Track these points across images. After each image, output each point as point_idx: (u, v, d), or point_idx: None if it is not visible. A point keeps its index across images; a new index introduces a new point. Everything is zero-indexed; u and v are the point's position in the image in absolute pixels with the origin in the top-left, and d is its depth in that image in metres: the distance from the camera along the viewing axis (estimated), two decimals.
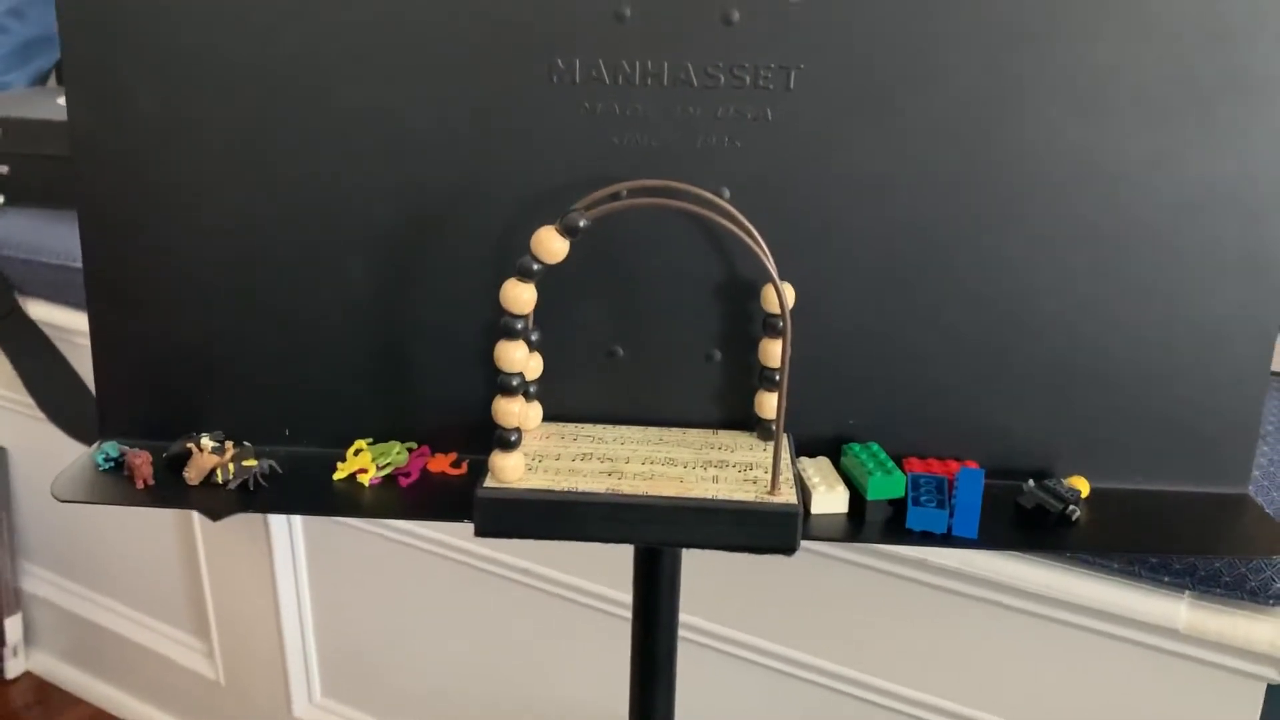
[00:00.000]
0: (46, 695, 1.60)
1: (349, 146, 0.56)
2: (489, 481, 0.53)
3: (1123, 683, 0.82)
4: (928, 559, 0.84)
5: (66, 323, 1.27)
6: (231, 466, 0.57)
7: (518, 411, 0.53)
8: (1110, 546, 0.66)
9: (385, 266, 0.58)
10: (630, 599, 0.66)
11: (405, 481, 0.58)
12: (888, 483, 0.55)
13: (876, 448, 0.57)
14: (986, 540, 0.54)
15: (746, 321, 0.58)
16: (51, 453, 1.38)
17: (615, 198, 0.53)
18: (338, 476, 0.58)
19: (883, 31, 0.53)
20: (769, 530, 0.52)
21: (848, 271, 0.57)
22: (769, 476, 0.54)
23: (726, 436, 0.59)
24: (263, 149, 0.56)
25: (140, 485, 0.57)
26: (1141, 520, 0.57)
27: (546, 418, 0.60)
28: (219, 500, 0.56)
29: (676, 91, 0.55)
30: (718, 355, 0.59)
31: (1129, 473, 0.58)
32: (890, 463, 0.56)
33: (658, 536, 0.53)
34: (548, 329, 0.57)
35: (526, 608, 1.12)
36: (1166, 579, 0.76)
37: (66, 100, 0.57)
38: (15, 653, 1.61)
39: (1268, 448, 0.78)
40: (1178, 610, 0.76)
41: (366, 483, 0.58)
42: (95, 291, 0.59)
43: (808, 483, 0.55)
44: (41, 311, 1.29)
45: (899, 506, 0.55)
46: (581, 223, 0.51)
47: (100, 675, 1.57)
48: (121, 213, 0.58)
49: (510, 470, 0.53)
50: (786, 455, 0.54)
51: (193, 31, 0.55)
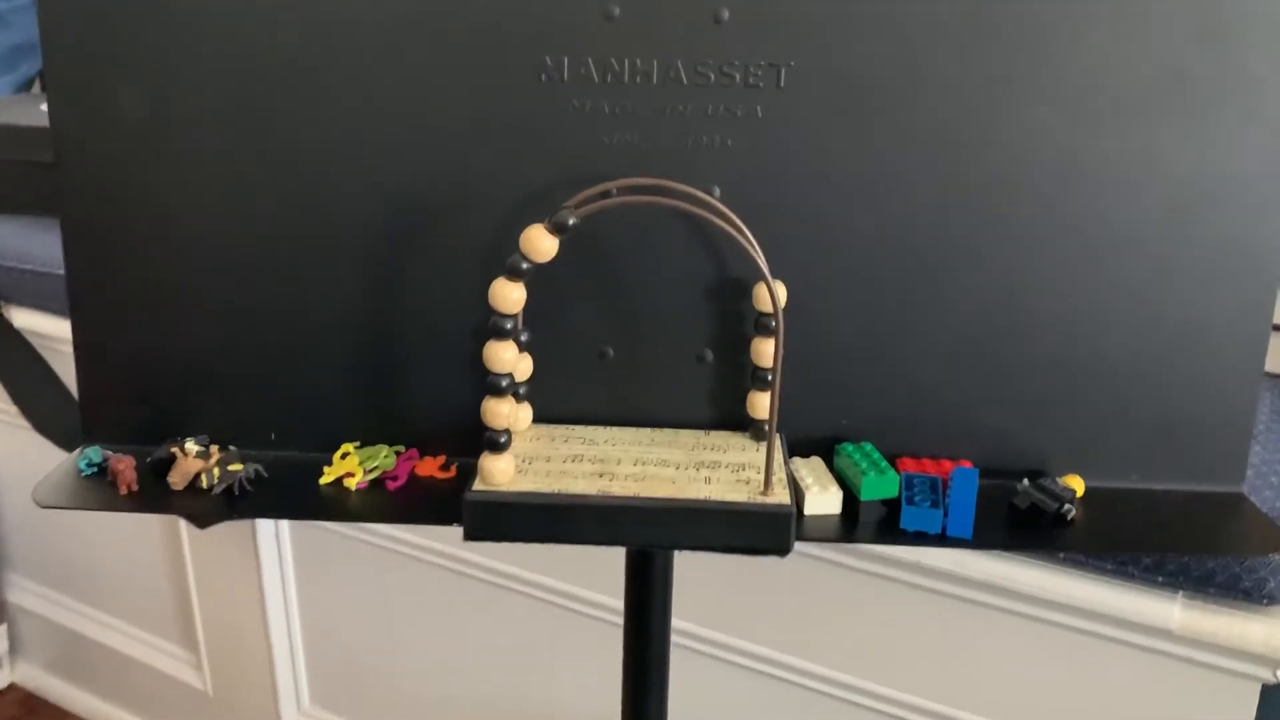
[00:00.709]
0: (33, 707, 1.58)
1: (335, 148, 0.56)
2: (478, 484, 0.53)
3: (1116, 684, 0.81)
4: (920, 561, 0.83)
5: (51, 331, 1.26)
6: (216, 471, 0.56)
7: (507, 413, 0.52)
8: (1105, 546, 0.66)
9: (372, 267, 0.57)
10: (622, 605, 0.65)
11: (393, 485, 0.57)
12: (881, 483, 0.54)
13: (870, 447, 0.57)
14: (981, 540, 0.53)
15: (738, 321, 0.57)
16: (36, 462, 1.36)
17: (605, 196, 0.52)
18: (324, 481, 0.57)
19: (872, 29, 0.53)
20: (762, 531, 0.51)
21: (839, 270, 0.56)
22: (762, 477, 0.53)
23: (718, 437, 0.58)
24: (247, 151, 0.56)
25: (124, 491, 0.56)
26: (1136, 520, 0.57)
27: (537, 419, 0.59)
28: (204, 505, 0.55)
29: (666, 90, 0.54)
30: (709, 355, 0.58)
31: (1123, 472, 0.58)
32: (884, 462, 0.55)
33: (650, 538, 0.52)
34: (537, 330, 0.57)
35: (517, 614, 1.11)
36: (1160, 579, 0.75)
37: (49, 105, 0.56)
38: (1, 664, 1.59)
39: (1260, 447, 0.78)
40: (1171, 611, 0.75)
41: (353, 487, 0.57)
42: (78, 296, 0.58)
43: (801, 483, 0.55)
44: (26, 320, 1.28)
45: (893, 507, 0.55)
46: (571, 221, 0.50)
47: (87, 687, 1.56)
48: (105, 216, 0.57)
49: (500, 473, 0.52)
50: (779, 455, 0.54)
51: (177, 34, 0.55)
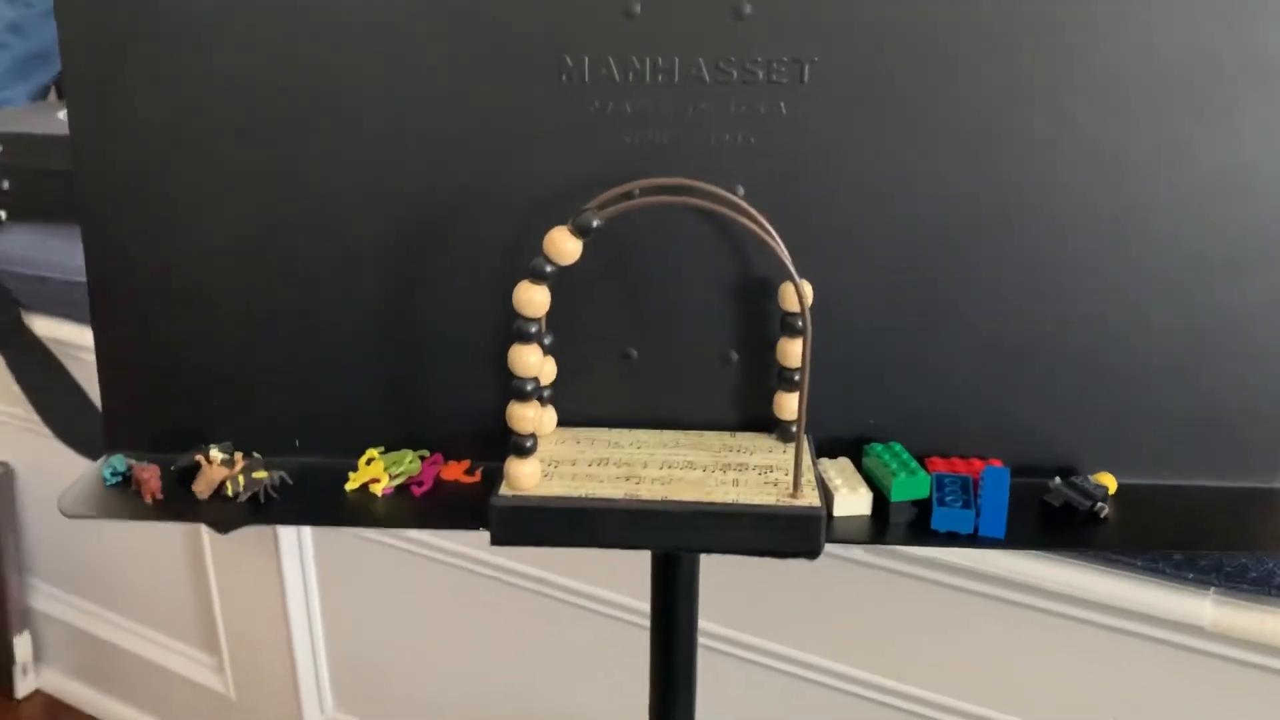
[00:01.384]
0: (57, 713, 1.59)
1: (354, 152, 0.55)
2: (504, 489, 0.52)
3: (1147, 681, 0.80)
4: (948, 559, 0.82)
5: (71, 338, 1.27)
6: (241, 479, 0.56)
7: (532, 417, 0.52)
8: (1140, 544, 0.65)
9: (394, 271, 0.57)
10: (647, 607, 0.65)
11: (419, 491, 0.57)
12: (912, 483, 0.54)
13: (899, 447, 0.56)
14: (1014, 540, 0.53)
15: (763, 321, 0.57)
16: (58, 469, 1.37)
17: (628, 197, 0.52)
18: (350, 487, 0.57)
19: (896, 23, 0.52)
20: (792, 534, 0.50)
21: (866, 268, 0.56)
22: (790, 479, 0.53)
23: (745, 439, 0.57)
24: (268, 157, 0.56)
25: (149, 499, 0.56)
26: (1170, 517, 0.56)
27: (561, 422, 0.58)
28: (229, 513, 0.55)
29: (688, 88, 0.54)
30: (734, 356, 0.57)
31: (1156, 468, 0.57)
32: (914, 462, 0.55)
33: (678, 542, 0.52)
34: (560, 332, 0.56)
35: (541, 617, 1.10)
36: (1191, 576, 0.74)
37: (68, 113, 0.56)
38: (25, 671, 1.60)
39: None
40: (1203, 607, 0.75)
41: (379, 493, 0.57)
42: (100, 305, 0.58)
43: (829, 484, 0.54)
44: (45, 327, 1.28)
45: (923, 507, 0.54)
46: (594, 222, 0.49)
47: (110, 692, 1.56)
48: (125, 224, 0.57)
49: (526, 477, 0.52)
50: (808, 457, 0.53)
51: (196, 41, 0.54)
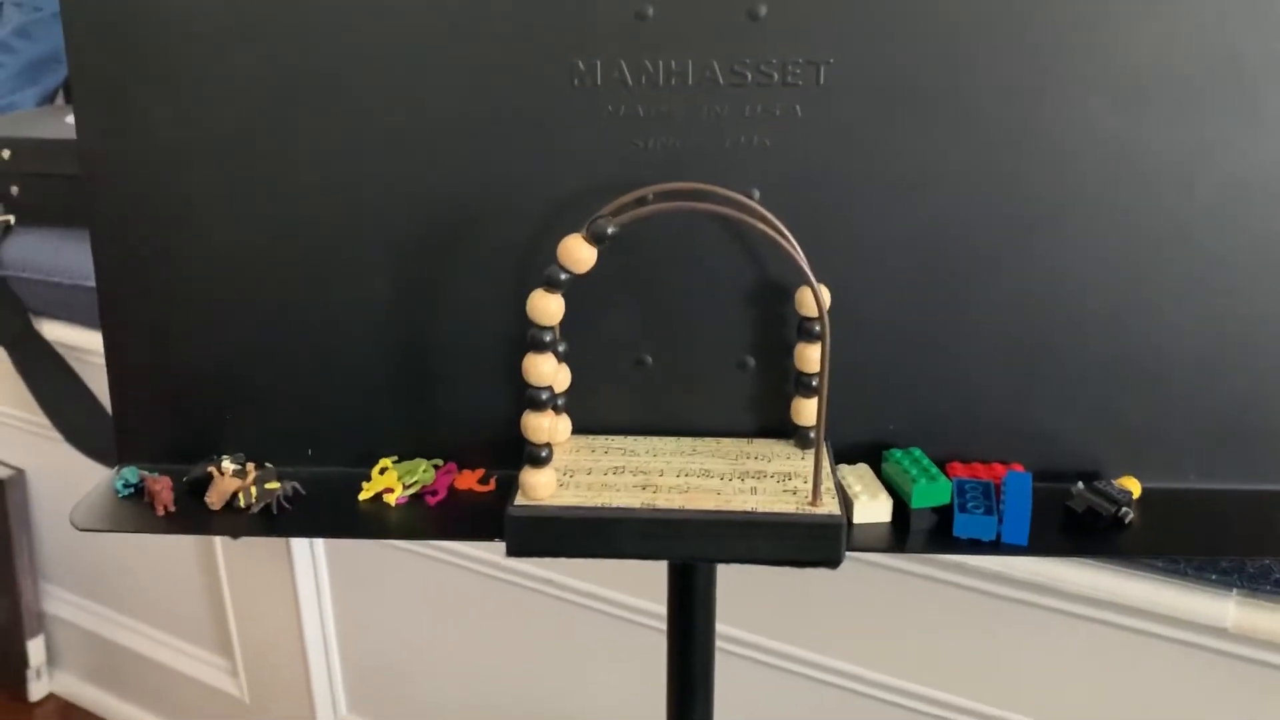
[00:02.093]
0: (70, 717, 1.59)
1: (366, 158, 0.55)
2: (520, 499, 0.51)
3: (1169, 684, 0.80)
4: (965, 561, 0.82)
5: (80, 342, 1.26)
6: (254, 489, 0.55)
7: (548, 426, 0.51)
8: (1166, 549, 0.64)
9: (407, 280, 0.56)
10: (661, 609, 0.64)
11: (433, 500, 0.56)
12: (933, 490, 0.53)
13: (919, 453, 0.55)
14: (1037, 547, 0.52)
15: (780, 326, 0.56)
16: (69, 474, 1.37)
17: (642, 202, 0.51)
18: (363, 497, 0.56)
19: (914, 23, 0.52)
20: (812, 543, 0.50)
21: (883, 272, 0.55)
22: (809, 486, 0.52)
23: (762, 445, 0.57)
24: (278, 162, 0.55)
25: (161, 512, 0.55)
26: (1196, 521, 0.55)
27: (575, 430, 0.58)
28: (242, 525, 0.54)
29: (702, 91, 0.53)
30: (750, 362, 0.57)
31: (1181, 472, 0.56)
32: (934, 468, 0.54)
33: (696, 552, 0.51)
34: (574, 339, 0.55)
35: (554, 619, 1.10)
36: (1213, 577, 0.74)
37: (75, 117, 0.55)
38: (39, 675, 1.60)
39: None
40: (1225, 609, 0.74)
41: (393, 502, 0.56)
42: (110, 314, 0.57)
43: (849, 491, 0.54)
44: (55, 331, 1.28)
45: (944, 514, 0.53)
46: (610, 230, 0.49)
47: (124, 696, 1.57)
48: (135, 232, 0.56)
49: (542, 487, 0.51)
50: (827, 464, 0.52)
51: (204, 42, 0.54)
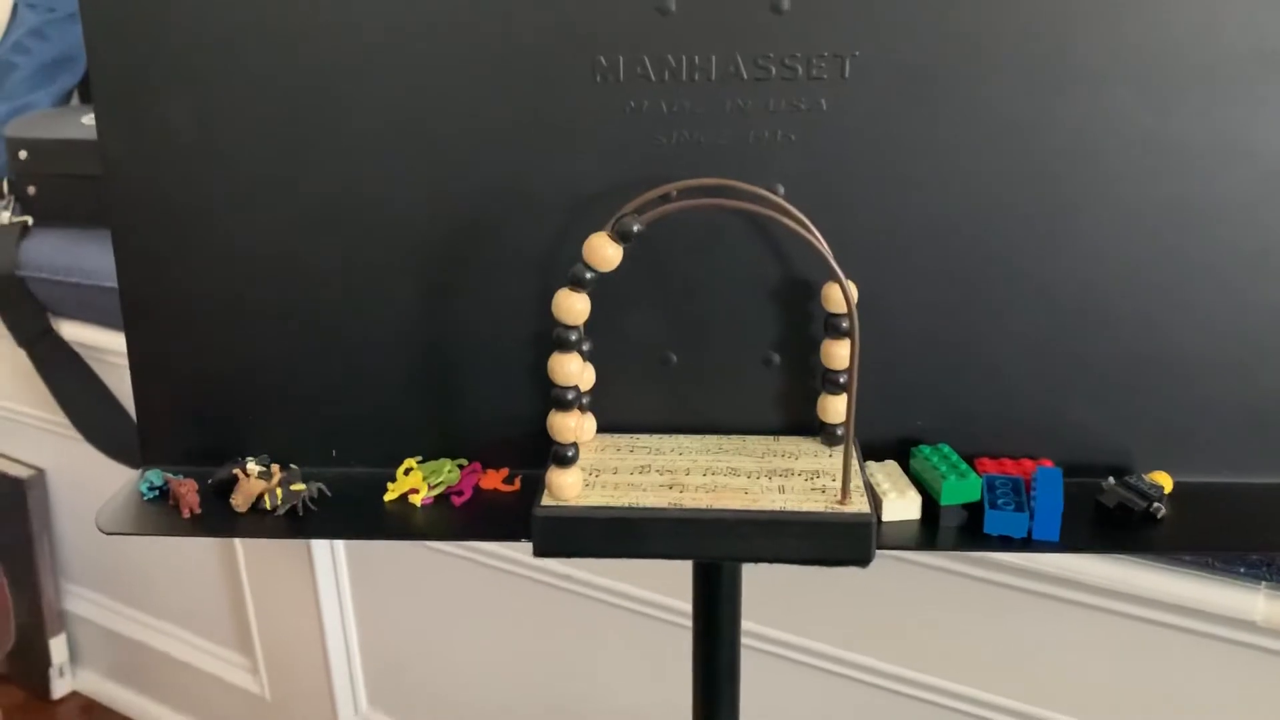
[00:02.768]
0: (93, 714, 1.60)
1: (388, 157, 0.54)
2: (546, 499, 0.51)
3: (1198, 678, 0.79)
4: (992, 556, 0.81)
5: (100, 342, 1.27)
6: (280, 491, 0.55)
7: (574, 426, 0.51)
8: (1199, 545, 0.63)
9: (430, 279, 0.56)
10: (684, 605, 0.64)
11: (458, 501, 0.56)
12: (963, 486, 0.52)
13: (947, 449, 0.55)
14: (1069, 543, 0.51)
15: (806, 322, 0.55)
16: (90, 474, 1.38)
17: (666, 199, 0.51)
18: (389, 498, 0.56)
19: (939, 14, 0.51)
20: (842, 542, 0.49)
21: (910, 267, 0.54)
22: (838, 485, 0.51)
23: (789, 443, 0.56)
24: (300, 163, 0.55)
25: (186, 514, 0.55)
26: (1229, 516, 0.54)
27: (600, 428, 0.57)
28: (268, 527, 0.54)
29: (725, 85, 0.52)
30: (776, 358, 0.56)
31: (1213, 466, 0.56)
32: (963, 465, 0.53)
33: (725, 551, 0.51)
34: (598, 337, 0.55)
35: (576, 615, 1.10)
36: (1242, 570, 0.73)
37: (96, 122, 0.55)
38: (61, 673, 1.61)
39: None
40: (1254, 602, 0.73)
41: (418, 503, 0.56)
42: (133, 317, 0.57)
43: (877, 489, 0.53)
44: (74, 332, 1.28)
45: (974, 510, 0.53)
46: (636, 227, 0.48)
47: (146, 693, 1.57)
48: (157, 235, 0.56)
49: (568, 487, 0.51)
50: (856, 462, 0.52)
51: (224, 44, 0.53)
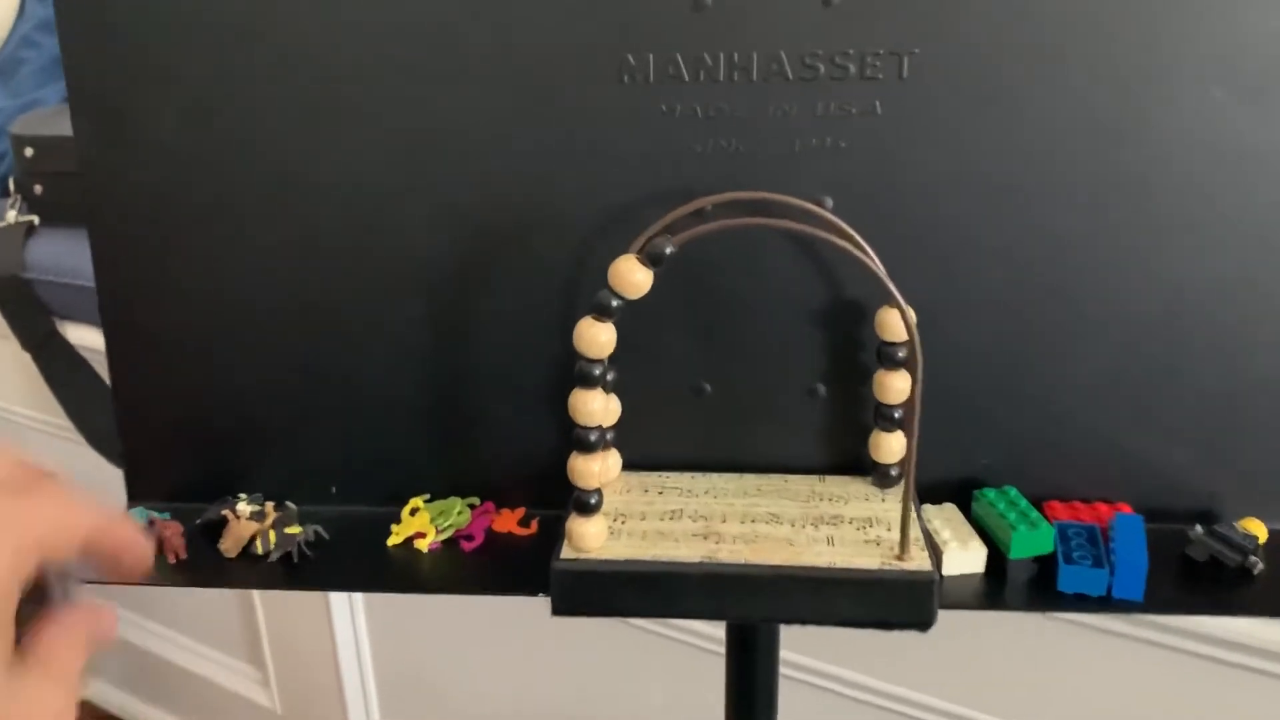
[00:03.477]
0: None
1: (395, 166, 0.49)
2: (566, 550, 0.46)
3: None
4: None
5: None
6: (272, 534, 0.50)
7: (597, 470, 0.45)
8: None
9: (439, 300, 0.51)
10: (713, 629, 0.58)
11: (469, 546, 0.51)
12: (1034, 538, 0.47)
13: (1014, 492, 0.49)
14: (1154, 603, 0.46)
15: (855, 350, 0.50)
16: (93, 478, 1.34)
17: (700, 213, 0.45)
18: (392, 542, 0.51)
19: (1007, 6, 0.45)
20: (901, 603, 0.44)
21: (973, 289, 0.49)
22: (894, 535, 0.46)
23: (836, 484, 0.51)
24: (297, 174, 0.49)
25: (171, 560, 0.50)
26: None
27: (626, 466, 0.52)
28: (259, 576, 0.49)
29: (768, 87, 0.47)
30: (822, 390, 0.51)
31: None
32: (1033, 511, 0.48)
33: (765, 612, 0.45)
34: (625, 365, 0.49)
35: (596, 630, 1.06)
36: None
37: (73, 127, 0.50)
38: None
39: None
40: None
41: (425, 548, 0.51)
42: (116, 342, 0.52)
43: (936, 538, 0.47)
44: (79, 335, 1.25)
45: (1045, 562, 0.47)
46: (668, 250, 0.43)
47: (156, 703, 1.55)
48: (140, 253, 0.51)
49: (591, 537, 0.46)
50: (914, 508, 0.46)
51: (211, 43, 0.48)
